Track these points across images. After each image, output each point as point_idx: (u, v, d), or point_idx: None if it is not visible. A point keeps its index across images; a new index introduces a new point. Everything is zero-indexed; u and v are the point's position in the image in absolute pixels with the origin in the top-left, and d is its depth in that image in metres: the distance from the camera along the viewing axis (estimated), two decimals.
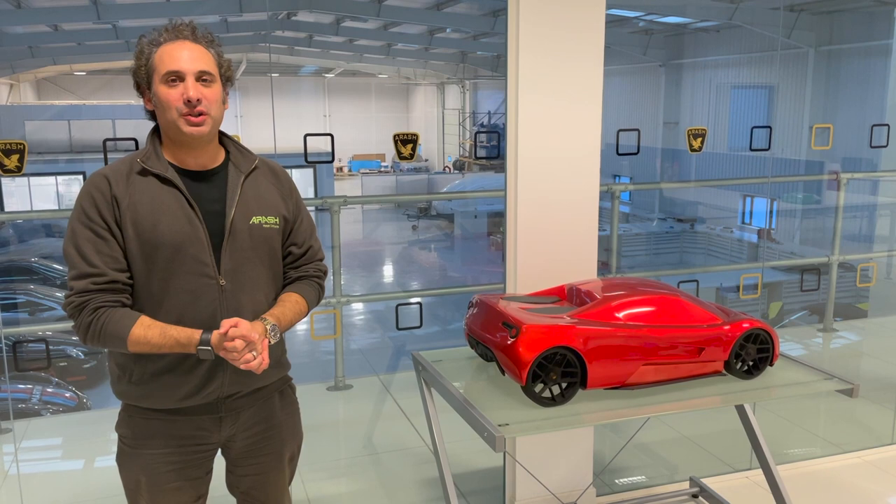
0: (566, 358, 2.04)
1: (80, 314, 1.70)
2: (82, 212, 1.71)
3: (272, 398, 1.94)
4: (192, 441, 1.84)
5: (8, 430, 3.70)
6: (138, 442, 1.83)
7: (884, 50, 10.20)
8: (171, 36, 1.73)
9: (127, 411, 1.85)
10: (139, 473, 1.83)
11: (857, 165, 5.83)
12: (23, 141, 2.71)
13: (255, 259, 1.81)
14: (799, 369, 2.39)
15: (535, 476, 2.91)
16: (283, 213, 1.87)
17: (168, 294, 1.73)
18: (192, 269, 1.73)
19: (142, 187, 1.73)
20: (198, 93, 1.70)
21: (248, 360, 1.68)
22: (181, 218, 1.73)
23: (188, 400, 1.78)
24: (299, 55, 18.60)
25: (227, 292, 1.76)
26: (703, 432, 3.83)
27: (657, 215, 13.44)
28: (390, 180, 19.31)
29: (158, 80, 1.71)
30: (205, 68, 1.72)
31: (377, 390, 4.48)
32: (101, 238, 1.70)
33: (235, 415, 1.87)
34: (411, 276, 14.15)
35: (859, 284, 5.17)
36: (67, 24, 12.29)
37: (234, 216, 1.78)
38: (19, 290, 9.26)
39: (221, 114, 1.79)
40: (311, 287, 1.94)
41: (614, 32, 13.89)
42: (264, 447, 1.94)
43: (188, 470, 1.85)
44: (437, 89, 23.08)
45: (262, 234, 1.82)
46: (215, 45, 1.78)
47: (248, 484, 1.98)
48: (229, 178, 1.81)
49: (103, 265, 1.69)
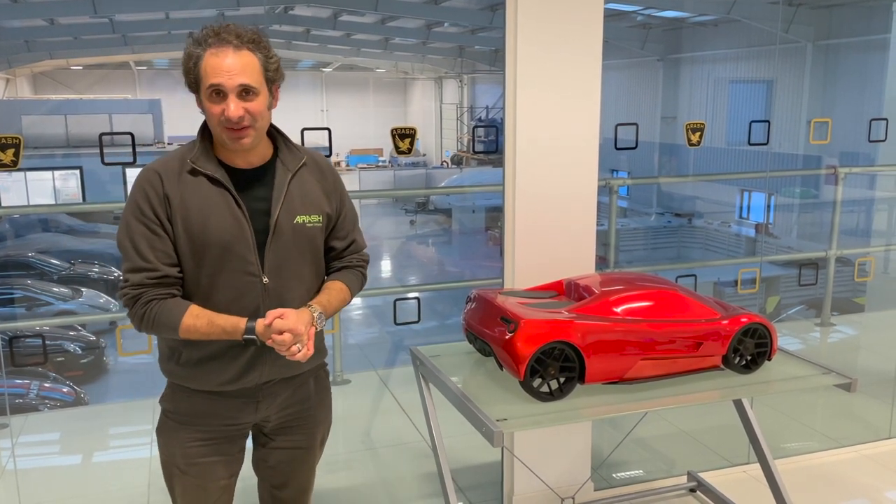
0: (564, 353, 2.04)
1: (134, 305, 1.77)
2: (136, 207, 1.76)
3: (307, 382, 2.00)
4: (229, 420, 1.91)
5: (5, 426, 3.69)
6: (180, 417, 1.90)
7: (882, 44, 10.18)
8: (215, 41, 1.71)
9: (172, 388, 1.93)
10: (176, 446, 1.91)
11: (855, 160, 5.83)
12: (19, 135, 2.70)
13: (298, 257, 1.86)
14: (797, 364, 2.39)
15: (533, 471, 2.91)
16: (327, 211, 1.91)
17: (214, 289, 1.79)
18: (238, 266, 1.79)
19: (193, 187, 1.77)
20: (239, 110, 1.71)
21: (293, 353, 1.74)
22: (229, 218, 1.77)
23: (229, 385, 1.85)
24: (297, 49, 18.55)
25: (271, 290, 1.81)
26: (701, 427, 3.84)
27: (655, 210, 13.45)
28: (388, 175, 19.30)
29: (203, 91, 1.73)
30: (247, 81, 1.70)
31: (375, 385, 4.48)
32: (154, 234, 1.75)
33: (272, 398, 1.93)
34: (409, 271, 14.15)
35: (857, 279, 5.18)
36: (64, 18, 12.26)
37: (279, 215, 1.81)
38: (16, 286, 9.26)
39: (268, 120, 1.81)
40: (355, 276, 1.99)
41: (612, 27, 13.86)
42: (299, 426, 2.00)
43: (223, 446, 1.92)
44: (435, 84, 23.05)
45: (306, 232, 1.86)
46: (262, 48, 1.75)
47: (278, 458, 2.03)
48: (277, 176, 1.84)
49: (156, 260, 1.75)
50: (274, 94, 1.81)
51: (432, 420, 2.38)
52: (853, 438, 3.71)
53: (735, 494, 2.97)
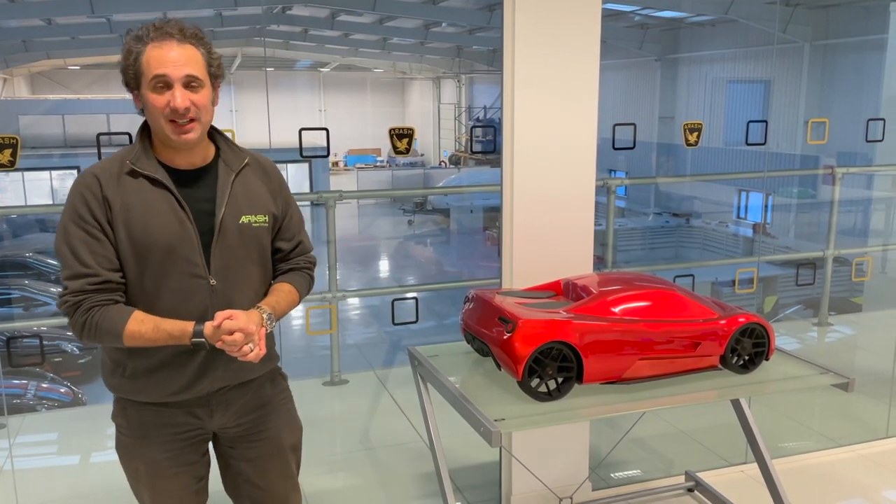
0: (562, 353, 2.04)
1: (74, 313, 1.71)
2: (74, 211, 1.71)
3: (263, 387, 1.96)
4: (185, 428, 1.86)
5: (3, 426, 3.69)
6: (134, 432, 1.85)
7: (879, 44, 10.20)
8: (157, 35, 1.70)
9: (120, 403, 1.87)
10: (138, 462, 1.87)
11: (852, 160, 5.83)
12: (16, 136, 2.69)
13: (244, 257, 1.82)
14: (794, 363, 2.39)
15: (531, 470, 2.91)
16: (273, 211, 1.87)
17: (160, 293, 1.74)
18: (184, 269, 1.74)
19: (132, 189, 1.72)
20: (185, 101, 1.68)
21: (245, 353, 1.69)
22: (172, 219, 1.73)
23: (179, 395, 1.81)
24: (294, 49, 18.54)
25: (218, 291, 1.77)
26: (699, 426, 3.84)
27: (653, 210, 13.45)
28: (386, 175, 19.31)
29: (146, 83, 1.69)
30: (192, 72, 1.69)
31: (373, 385, 4.47)
32: (94, 238, 1.70)
33: (226, 406, 1.89)
34: (407, 272, 14.15)
35: (854, 279, 5.19)
36: (61, 17, 12.24)
37: (223, 216, 1.77)
38: (14, 286, 9.23)
39: (211, 116, 1.78)
40: (303, 278, 1.95)
41: (610, 27, 13.83)
42: (260, 433, 1.95)
43: (184, 455, 1.88)
44: (433, 84, 23.06)
45: (252, 233, 1.82)
46: (204, 43, 1.75)
47: (248, 471, 1.98)
48: (219, 176, 1.81)
49: (97, 265, 1.70)
50: (216, 90, 1.78)
51: (430, 420, 2.38)
52: (850, 438, 3.72)
53: (733, 494, 2.97)
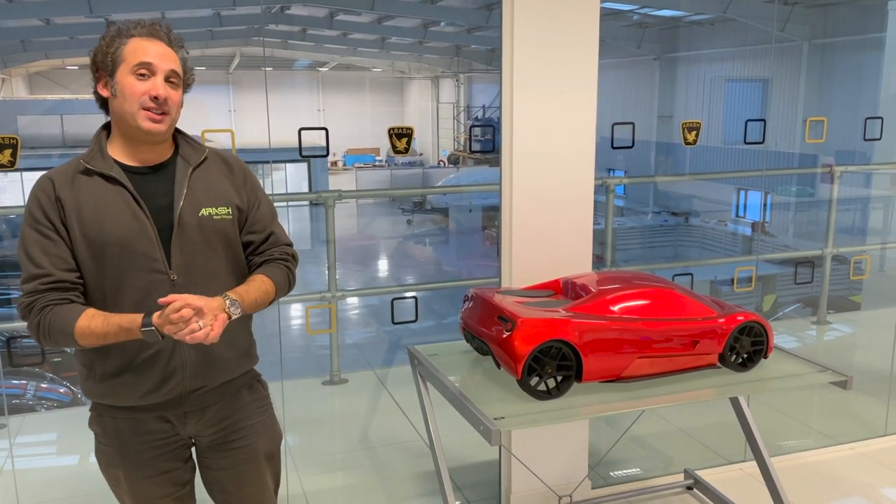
0: (561, 351, 2.04)
1: (29, 314, 1.71)
2: (29, 215, 1.73)
3: (240, 393, 1.92)
4: (160, 436, 1.84)
5: (3, 426, 3.69)
6: (111, 440, 1.85)
7: (877, 43, 10.21)
8: (146, 32, 1.75)
9: (96, 409, 1.86)
10: (116, 468, 1.85)
11: (850, 158, 5.84)
12: (15, 136, 2.69)
13: (207, 251, 1.79)
14: (793, 361, 2.40)
15: (530, 469, 2.92)
16: (236, 203, 1.85)
17: (121, 292, 1.73)
18: (143, 265, 1.73)
19: (86, 187, 1.73)
20: (165, 92, 1.73)
21: (194, 331, 1.60)
22: (127, 215, 1.72)
23: (150, 397, 1.78)
24: (293, 49, 18.53)
25: (180, 286, 1.73)
26: (698, 424, 3.85)
27: (652, 209, 13.45)
28: (385, 174, 19.28)
29: (127, 69, 1.71)
30: (175, 69, 1.76)
31: (373, 385, 4.47)
32: (47, 238, 1.71)
33: (200, 411, 1.86)
34: (406, 271, 14.14)
35: (853, 277, 5.19)
36: (59, 17, 12.22)
37: (181, 209, 1.76)
38: (13, 286, 9.22)
39: (178, 116, 1.81)
40: (278, 268, 1.89)
41: (608, 26, 13.86)
42: (234, 441, 1.92)
43: (162, 463, 1.86)
44: (432, 83, 23.04)
45: (214, 225, 1.80)
46: (184, 52, 1.82)
47: (223, 480, 1.96)
48: (177, 170, 1.81)
49: (50, 265, 1.70)
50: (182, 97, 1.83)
51: (430, 419, 2.39)
52: (849, 436, 3.72)
53: (732, 492, 2.98)
